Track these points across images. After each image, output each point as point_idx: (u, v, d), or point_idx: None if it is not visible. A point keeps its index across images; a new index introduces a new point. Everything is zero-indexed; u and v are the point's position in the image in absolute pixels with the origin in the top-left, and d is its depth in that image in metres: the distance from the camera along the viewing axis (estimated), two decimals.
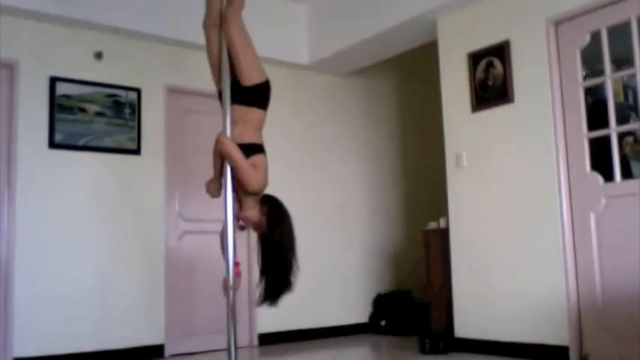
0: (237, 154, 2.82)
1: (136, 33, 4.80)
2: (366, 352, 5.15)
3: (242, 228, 3.05)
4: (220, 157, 2.92)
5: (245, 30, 3.04)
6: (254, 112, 2.94)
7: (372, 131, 6.28)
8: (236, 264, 2.89)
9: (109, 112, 4.73)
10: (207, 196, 3.15)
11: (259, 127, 2.97)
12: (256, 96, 2.93)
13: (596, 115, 4.01)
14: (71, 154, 4.54)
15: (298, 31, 5.65)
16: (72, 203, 4.51)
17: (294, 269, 2.89)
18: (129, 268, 4.68)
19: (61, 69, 4.56)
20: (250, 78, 2.92)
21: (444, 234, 4.79)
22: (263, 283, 2.89)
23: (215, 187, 3.04)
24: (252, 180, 2.85)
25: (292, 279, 2.89)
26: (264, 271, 2.91)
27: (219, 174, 2.98)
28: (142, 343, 4.64)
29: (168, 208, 4.95)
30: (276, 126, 5.10)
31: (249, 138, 2.91)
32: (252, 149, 2.89)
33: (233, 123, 2.92)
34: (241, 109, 2.92)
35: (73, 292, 4.43)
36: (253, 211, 2.90)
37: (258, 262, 2.94)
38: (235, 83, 2.96)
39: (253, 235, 5.23)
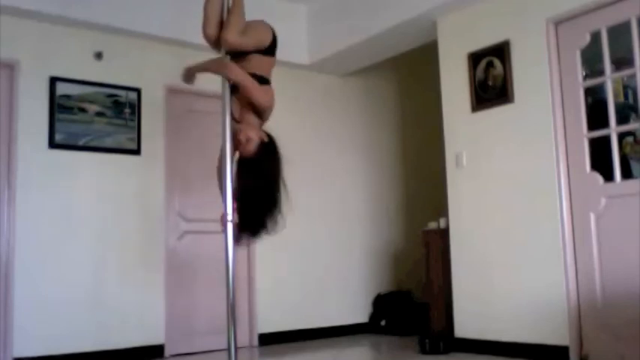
0: (243, 75, 3.01)
1: (136, 33, 4.80)
2: (366, 352, 5.15)
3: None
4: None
5: (244, 28, 3.16)
6: (269, 59, 3.26)
7: (372, 131, 6.28)
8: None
9: (109, 112, 4.73)
10: (207, 196, 3.16)
11: (270, 70, 3.24)
12: (271, 48, 3.26)
13: (596, 115, 4.01)
14: (71, 154, 4.54)
15: (298, 31, 5.64)
16: (72, 203, 4.51)
17: (279, 206, 2.96)
18: (129, 268, 4.68)
19: (61, 69, 4.56)
20: (264, 44, 3.21)
21: (443, 234, 4.79)
22: (247, 213, 2.90)
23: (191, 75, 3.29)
24: (259, 96, 3.04)
25: (277, 213, 2.95)
26: (248, 200, 2.92)
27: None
28: (141, 343, 4.64)
29: (168, 208, 4.95)
30: (275, 126, 5.09)
31: (261, 72, 3.13)
32: (264, 80, 3.12)
33: (251, 62, 3.13)
34: (258, 57, 3.19)
35: (73, 292, 4.43)
36: (253, 132, 3.01)
37: (237, 190, 2.91)
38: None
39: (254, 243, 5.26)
